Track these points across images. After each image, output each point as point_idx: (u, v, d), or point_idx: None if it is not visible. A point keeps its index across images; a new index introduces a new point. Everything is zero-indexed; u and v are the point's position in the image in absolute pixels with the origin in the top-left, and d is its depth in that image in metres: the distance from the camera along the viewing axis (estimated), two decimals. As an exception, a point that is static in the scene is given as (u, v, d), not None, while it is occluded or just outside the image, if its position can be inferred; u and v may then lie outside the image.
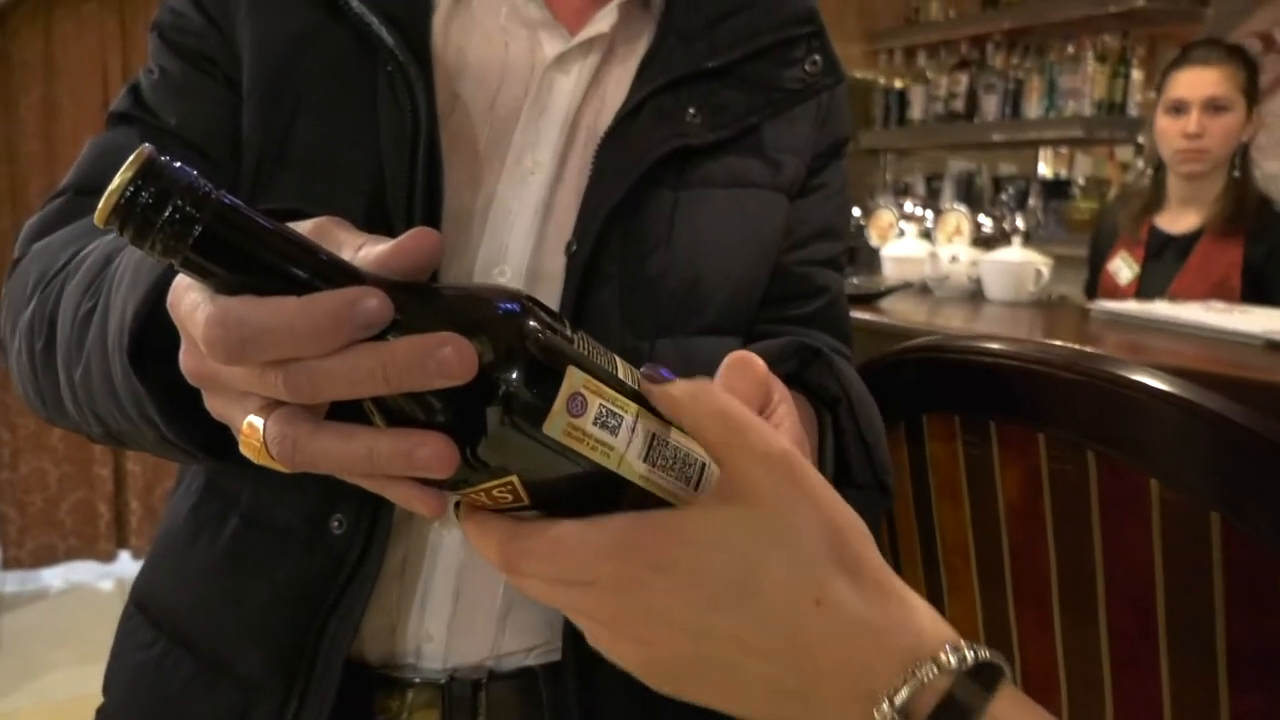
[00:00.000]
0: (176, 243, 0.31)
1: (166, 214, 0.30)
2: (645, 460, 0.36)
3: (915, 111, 3.81)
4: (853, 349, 0.70)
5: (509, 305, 0.35)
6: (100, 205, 0.30)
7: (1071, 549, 0.58)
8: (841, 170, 0.71)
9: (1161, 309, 1.50)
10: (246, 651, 0.59)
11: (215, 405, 0.38)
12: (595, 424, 0.35)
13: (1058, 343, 0.59)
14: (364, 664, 0.60)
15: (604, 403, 0.35)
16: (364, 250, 0.36)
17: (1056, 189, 3.58)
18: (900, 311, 1.58)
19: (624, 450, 0.36)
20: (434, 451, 0.33)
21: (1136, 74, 3.22)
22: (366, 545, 0.57)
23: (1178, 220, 2.03)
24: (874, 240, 2.15)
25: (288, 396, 0.33)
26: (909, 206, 2.14)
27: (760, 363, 0.45)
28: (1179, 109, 1.94)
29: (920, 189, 3.79)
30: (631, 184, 0.58)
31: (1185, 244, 2.00)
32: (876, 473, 0.58)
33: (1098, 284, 2.14)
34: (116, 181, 0.30)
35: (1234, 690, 0.53)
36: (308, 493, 0.57)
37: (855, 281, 1.80)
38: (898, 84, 3.89)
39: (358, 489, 0.54)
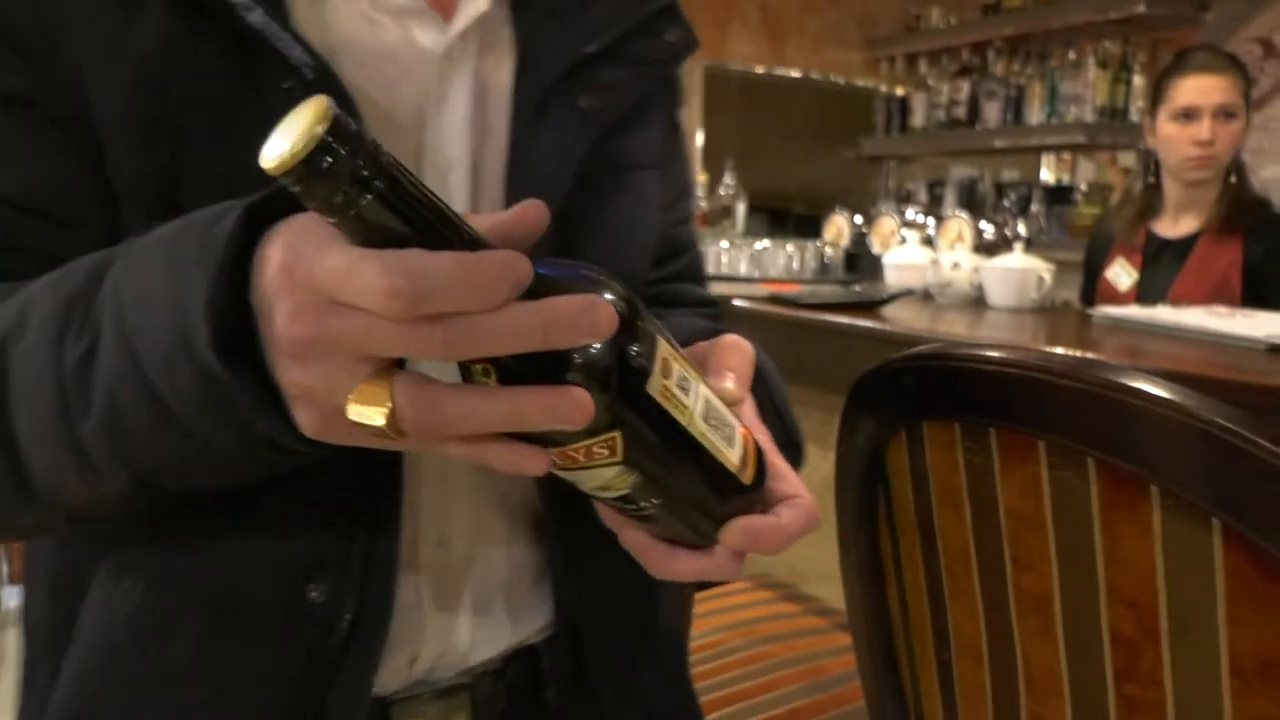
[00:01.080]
0: (351, 201, 0.32)
1: (349, 171, 0.31)
2: (705, 420, 0.41)
3: (917, 119, 3.82)
4: (719, 308, 0.76)
5: (611, 279, 0.38)
6: (278, 158, 0.31)
7: (1073, 556, 0.57)
8: (682, 132, 0.75)
9: (1164, 314, 1.50)
10: None
11: (310, 375, 0.37)
12: (678, 386, 0.39)
13: (1059, 350, 0.59)
14: (379, 696, 0.57)
15: (680, 368, 0.40)
16: (472, 220, 0.37)
17: (1059, 195, 3.59)
18: (902, 319, 1.58)
19: (694, 410, 0.40)
20: (578, 403, 0.35)
21: (1138, 79, 3.22)
22: (360, 604, 0.53)
23: (1175, 225, 2.03)
24: (876, 247, 2.15)
25: (442, 352, 0.34)
26: (910, 213, 2.14)
27: (748, 345, 0.52)
28: (1189, 116, 1.93)
29: (922, 196, 3.80)
30: (565, 192, 0.57)
31: (1183, 246, 2.00)
32: (789, 434, 0.62)
33: (1094, 291, 2.14)
34: (299, 141, 0.31)
35: (1237, 697, 0.53)
36: (281, 563, 0.52)
37: (857, 289, 1.80)
38: (899, 91, 3.90)
39: (335, 553, 0.52)
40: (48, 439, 0.45)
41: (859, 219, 2.29)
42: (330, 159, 0.31)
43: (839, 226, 2.27)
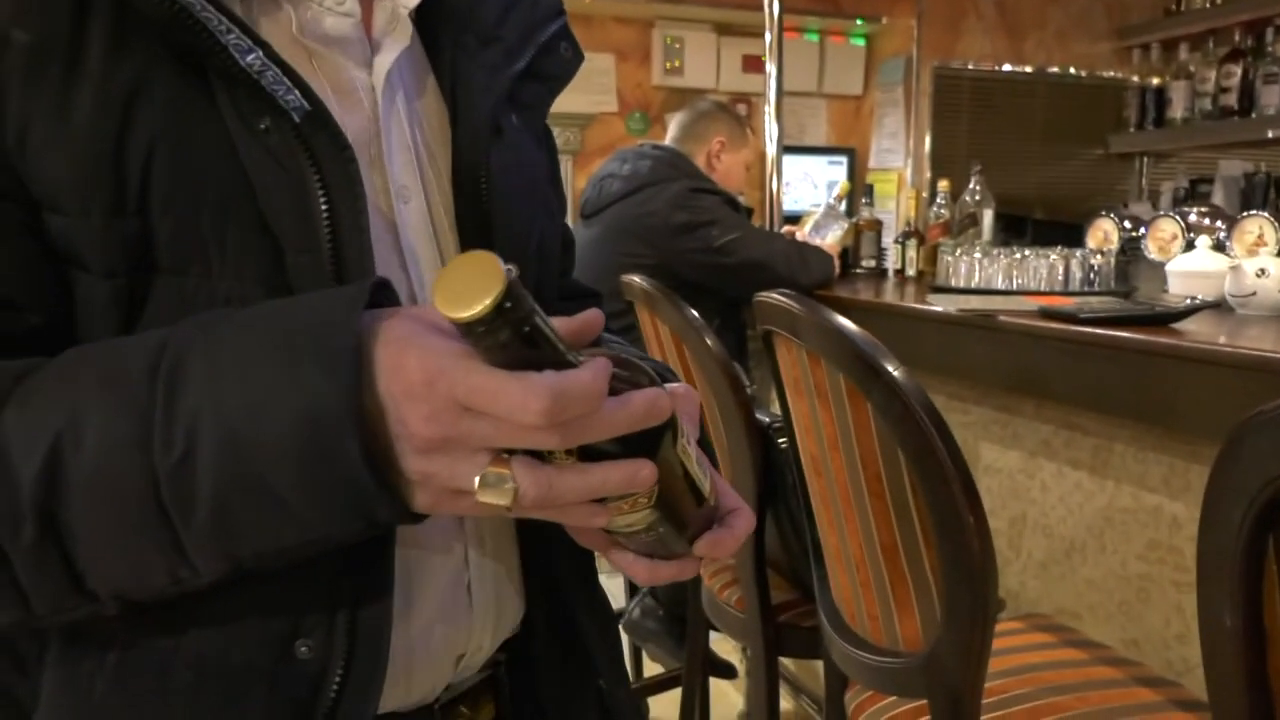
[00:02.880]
0: (509, 337, 0.39)
1: (515, 319, 0.39)
2: (697, 463, 0.50)
3: (1176, 110, 3.47)
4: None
5: (643, 358, 0.48)
6: (468, 313, 0.37)
7: None
8: (551, 135, 0.77)
9: None
10: None
11: (435, 465, 0.43)
12: (687, 442, 0.49)
13: None
14: (422, 706, 0.61)
15: (684, 426, 0.48)
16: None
17: (1359, 188, 3.13)
18: (1203, 334, 1.40)
19: (693, 456, 0.49)
20: (651, 471, 0.44)
21: None
22: (350, 654, 0.52)
23: None
24: (1152, 253, 1.94)
25: (557, 445, 0.42)
26: (1194, 215, 1.92)
27: (695, 392, 0.57)
28: None
29: (1184, 194, 3.44)
30: (537, 209, 0.64)
31: None
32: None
33: None
34: (486, 299, 0.37)
35: None
36: (268, 621, 0.52)
37: (1141, 300, 1.62)
38: (1154, 81, 3.56)
39: (326, 609, 0.52)
40: (130, 542, 0.45)
41: (1128, 223, 2.08)
42: (504, 312, 0.38)
43: (1105, 231, 2.08)
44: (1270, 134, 3.17)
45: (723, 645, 2.34)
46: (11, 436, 0.44)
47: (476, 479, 0.42)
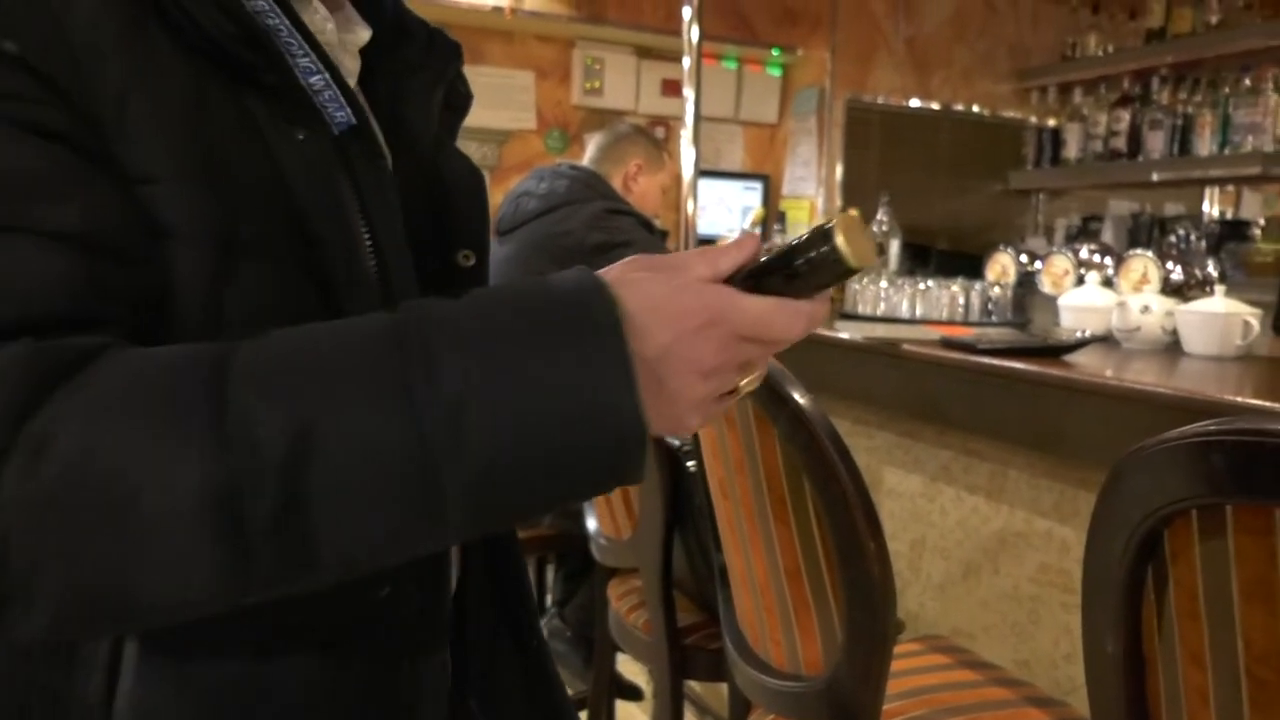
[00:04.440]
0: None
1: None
2: None
3: (1070, 150, 3.65)
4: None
5: None
6: (863, 260, 0.49)
7: None
8: None
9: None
10: None
11: (713, 385, 0.50)
12: None
13: None
14: None
15: None
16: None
17: (1233, 231, 3.34)
18: (1091, 366, 1.46)
19: None
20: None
21: (1326, 106, 2.98)
22: (420, 585, 0.59)
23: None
24: (1046, 287, 2.02)
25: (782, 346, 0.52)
26: (1085, 252, 2.01)
27: None
28: None
29: (1076, 231, 3.61)
30: (485, 206, 0.71)
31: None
32: None
33: (1300, 336, 1.95)
34: (873, 251, 0.48)
35: None
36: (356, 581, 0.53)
37: (1035, 332, 1.69)
38: (1051, 122, 3.73)
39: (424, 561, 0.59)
40: (392, 507, 0.45)
41: (1024, 258, 2.17)
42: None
43: (1003, 265, 2.16)
44: (1155, 177, 3.36)
45: (629, 667, 2.33)
46: (253, 409, 0.43)
47: (744, 381, 0.52)
